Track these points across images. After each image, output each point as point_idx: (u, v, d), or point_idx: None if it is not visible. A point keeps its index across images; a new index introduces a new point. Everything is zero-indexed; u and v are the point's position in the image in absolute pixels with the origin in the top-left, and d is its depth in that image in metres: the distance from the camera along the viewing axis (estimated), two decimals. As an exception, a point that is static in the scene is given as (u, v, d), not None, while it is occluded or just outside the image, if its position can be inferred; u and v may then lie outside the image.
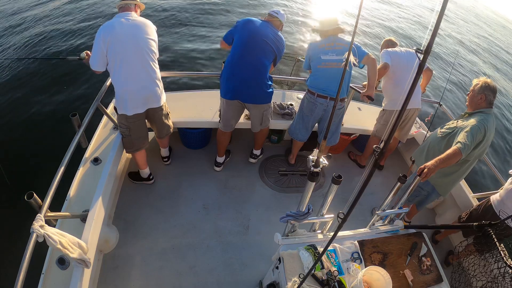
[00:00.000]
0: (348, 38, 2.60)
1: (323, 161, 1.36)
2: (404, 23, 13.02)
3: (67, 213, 1.77)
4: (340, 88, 1.24)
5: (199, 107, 2.98)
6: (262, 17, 2.52)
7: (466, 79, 8.91)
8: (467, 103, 2.31)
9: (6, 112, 4.09)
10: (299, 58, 4.90)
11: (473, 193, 2.81)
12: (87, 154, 2.30)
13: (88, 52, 2.19)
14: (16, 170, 3.37)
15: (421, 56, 0.57)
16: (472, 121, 2.10)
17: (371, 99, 2.55)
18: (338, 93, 1.29)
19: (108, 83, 2.33)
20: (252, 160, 3.14)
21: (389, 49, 2.84)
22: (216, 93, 2.63)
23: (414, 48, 0.64)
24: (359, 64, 2.50)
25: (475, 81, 2.26)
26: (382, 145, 0.72)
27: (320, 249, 1.61)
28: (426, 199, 2.54)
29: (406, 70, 2.70)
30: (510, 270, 1.60)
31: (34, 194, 1.41)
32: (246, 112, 2.75)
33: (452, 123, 2.31)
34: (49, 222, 1.44)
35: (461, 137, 2.00)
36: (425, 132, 3.28)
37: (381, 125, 3.03)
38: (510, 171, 2.38)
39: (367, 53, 2.47)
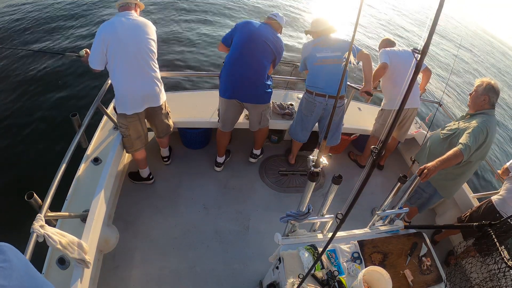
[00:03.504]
0: (342, 37, 2.62)
1: (323, 161, 1.36)
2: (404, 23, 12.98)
3: (67, 213, 1.77)
4: (341, 85, 1.23)
5: (199, 107, 2.98)
6: (261, 19, 2.53)
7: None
8: (468, 103, 2.27)
9: (6, 112, 4.09)
10: (297, 64, 4.81)
11: (473, 193, 2.81)
12: (87, 154, 2.31)
13: (88, 50, 2.18)
14: (16, 170, 3.38)
15: (418, 56, 0.57)
16: (474, 122, 2.08)
17: (370, 95, 2.54)
18: (339, 90, 1.28)
19: (108, 83, 2.33)
20: (252, 160, 3.15)
21: (388, 49, 2.83)
22: (216, 93, 2.63)
23: (411, 48, 0.65)
24: (357, 63, 2.51)
25: (478, 81, 2.20)
26: (380, 145, 0.72)
27: (320, 249, 1.61)
28: (428, 202, 2.53)
29: (405, 69, 2.70)
30: (511, 270, 1.60)
31: (34, 194, 1.41)
32: (245, 112, 2.75)
33: (454, 124, 2.29)
34: (49, 222, 1.44)
35: (463, 138, 1.99)
36: (425, 132, 3.28)
37: (380, 124, 3.03)
38: (507, 164, 2.37)
39: (361, 49, 2.50)
